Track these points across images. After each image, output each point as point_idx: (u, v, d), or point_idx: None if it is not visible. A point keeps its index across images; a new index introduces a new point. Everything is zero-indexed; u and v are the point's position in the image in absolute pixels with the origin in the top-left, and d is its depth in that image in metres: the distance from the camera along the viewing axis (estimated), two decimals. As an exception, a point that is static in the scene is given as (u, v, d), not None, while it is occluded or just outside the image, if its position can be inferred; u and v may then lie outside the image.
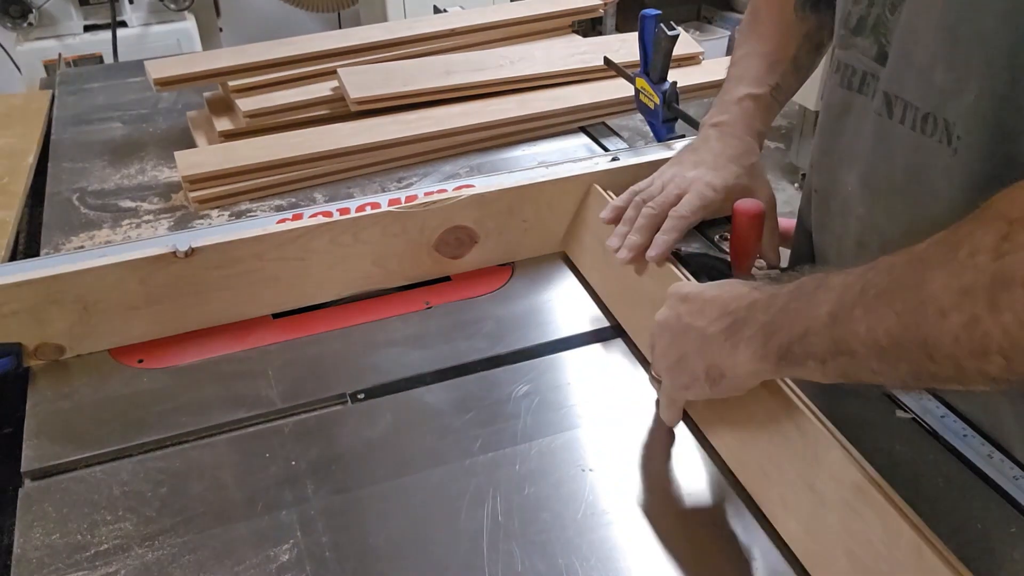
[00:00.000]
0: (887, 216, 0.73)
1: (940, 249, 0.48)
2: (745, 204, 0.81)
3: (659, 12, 1.03)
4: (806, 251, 0.90)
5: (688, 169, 0.85)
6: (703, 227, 1.02)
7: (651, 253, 0.79)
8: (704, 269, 0.82)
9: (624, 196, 0.86)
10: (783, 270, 0.91)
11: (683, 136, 1.00)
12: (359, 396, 0.77)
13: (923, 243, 0.50)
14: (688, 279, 0.76)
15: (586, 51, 1.35)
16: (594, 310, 0.88)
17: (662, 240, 0.80)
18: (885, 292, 0.50)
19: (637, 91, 1.09)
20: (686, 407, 0.72)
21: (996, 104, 0.61)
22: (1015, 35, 0.58)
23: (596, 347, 0.83)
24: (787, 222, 0.94)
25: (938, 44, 0.65)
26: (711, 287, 0.67)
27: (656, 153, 0.97)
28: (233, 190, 1.11)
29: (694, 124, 1.02)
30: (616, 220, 0.84)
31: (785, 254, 0.96)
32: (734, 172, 0.85)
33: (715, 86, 1.38)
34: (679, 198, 0.82)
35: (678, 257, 0.81)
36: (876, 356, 0.51)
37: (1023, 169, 0.55)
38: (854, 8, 0.75)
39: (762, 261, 0.87)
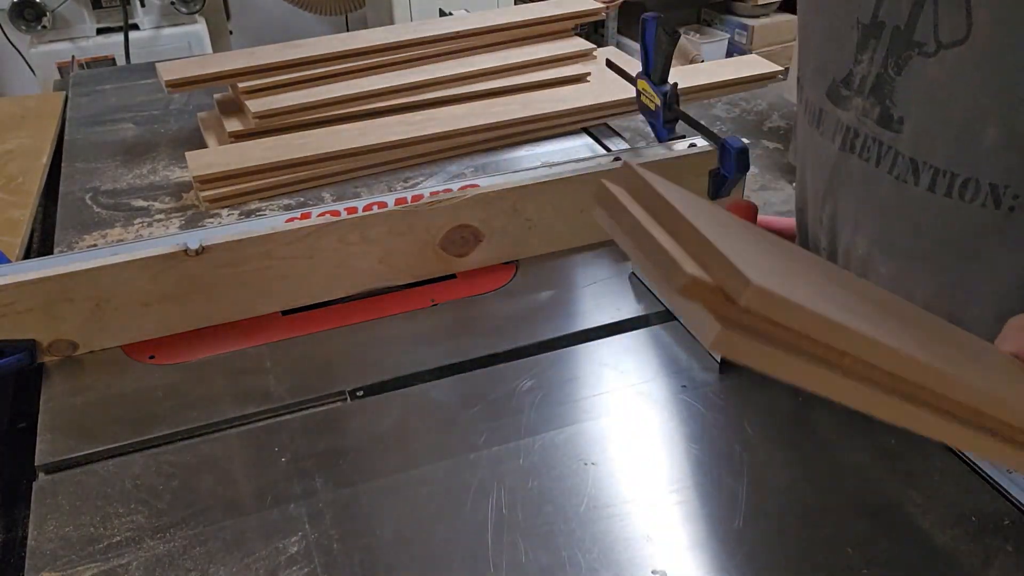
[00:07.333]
0: (913, 280, 0.69)
1: None
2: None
3: (660, 15, 1.04)
4: None
5: None
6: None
7: None
8: None
9: None
10: None
11: (683, 136, 1.01)
12: (358, 393, 0.78)
13: None
14: None
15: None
16: (598, 306, 0.89)
17: None
18: None
19: (639, 92, 1.09)
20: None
21: None
22: None
23: (602, 343, 0.84)
24: (787, 222, 0.94)
25: (986, 102, 0.58)
26: None
27: (657, 153, 0.99)
28: (243, 190, 1.12)
29: (695, 125, 1.02)
30: None
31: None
32: None
33: (716, 87, 1.40)
34: None
35: None
36: None
37: None
38: (843, 63, 0.67)
39: None
